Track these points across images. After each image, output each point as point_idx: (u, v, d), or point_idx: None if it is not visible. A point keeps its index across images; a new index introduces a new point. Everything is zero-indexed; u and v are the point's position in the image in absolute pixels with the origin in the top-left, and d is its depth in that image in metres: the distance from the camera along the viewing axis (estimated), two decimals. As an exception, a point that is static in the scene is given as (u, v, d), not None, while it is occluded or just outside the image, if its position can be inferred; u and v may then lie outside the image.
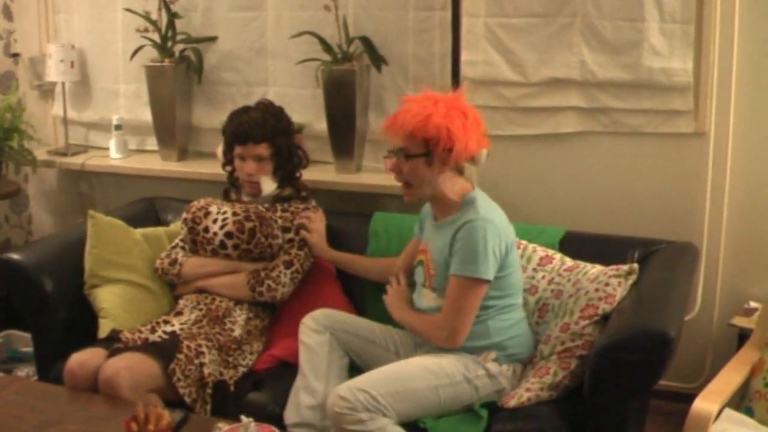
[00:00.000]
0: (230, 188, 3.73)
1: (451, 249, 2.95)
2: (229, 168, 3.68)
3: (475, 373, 2.93)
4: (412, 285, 3.24)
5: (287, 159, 3.61)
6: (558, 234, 3.46)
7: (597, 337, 2.94)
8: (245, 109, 3.61)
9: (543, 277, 3.25)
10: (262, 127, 3.51)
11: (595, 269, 3.17)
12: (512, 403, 2.91)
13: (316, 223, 3.54)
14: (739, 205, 3.61)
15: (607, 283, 3.05)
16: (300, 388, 3.02)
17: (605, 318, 3.00)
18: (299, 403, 2.98)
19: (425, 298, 3.11)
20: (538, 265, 3.28)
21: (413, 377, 2.86)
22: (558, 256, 3.32)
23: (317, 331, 3.12)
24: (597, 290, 3.05)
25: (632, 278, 3.08)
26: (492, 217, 2.96)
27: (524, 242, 3.37)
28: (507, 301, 3.03)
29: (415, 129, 2.93)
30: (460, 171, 3.07)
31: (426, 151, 2.96)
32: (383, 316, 3.27)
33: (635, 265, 3.11)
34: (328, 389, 2.90)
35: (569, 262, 3.28)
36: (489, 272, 2.90)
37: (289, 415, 2.99)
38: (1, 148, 4.36)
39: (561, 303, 3.14)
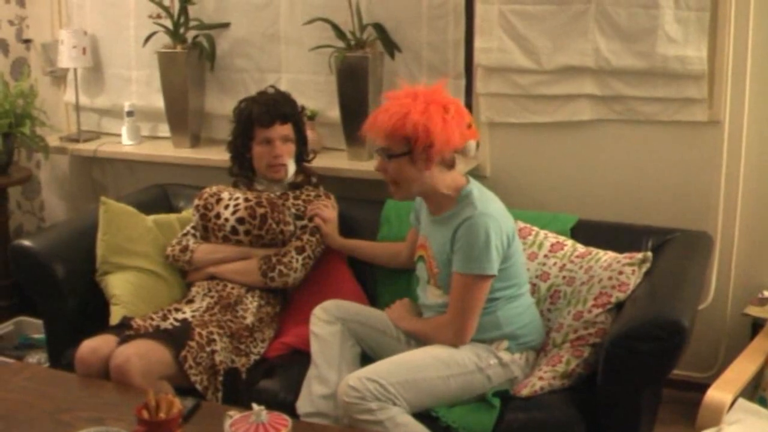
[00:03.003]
0: (240, 180, 3.67)
1: (453, 246, 2.93)
2: (237, 159, 3.66)
3: (488, 362, 2.92)
4: (415, 279, 3.23)
5: (304, 143, 3.64)
6: (570, 221, 3.45)
7: (610, 325, 2.93)
8: (261, 94, 3.62)
9: (554, 263, 3.24)
10: (285, 108, 3.54)
11: (607, 256, 3.16)
12: (525, 391, 2.90)
13: (329, 211, 3.54)
14: (754, 193, 3.59)
15: (620, 271, 3.04)
16: (313, 378, 3.01)
17: (618, 306, 2.99)
18: (312, 393, 2.98)
19: (431, 295, 3.10)
20: (550, 251, 3.27)
21: (424, 367, 2.85)
22: (569, 242, 3.31)
23: (328, 321, 3.11)
24: (610, 278, 3.03)
25: (646, 266, 3.06)
26: (491, 211, 2.93)
27: (535, 229, 3.36)
28: (513, 291, 3.01)
29: (394, 128, 2.89)
30: (449, 165, 3.01)
31: (408, 149, 2.92)
32: (395, 303, 3.28)
33: (649, 254, 3.10)
34: (340, 378, 2.88)
35: (581, 248, 3.27)
36: (493, 267, 2.89)
37: (303, 405, 2.98)
38: (13, 134, 4.35)
39: (573, 290, 3.12)
